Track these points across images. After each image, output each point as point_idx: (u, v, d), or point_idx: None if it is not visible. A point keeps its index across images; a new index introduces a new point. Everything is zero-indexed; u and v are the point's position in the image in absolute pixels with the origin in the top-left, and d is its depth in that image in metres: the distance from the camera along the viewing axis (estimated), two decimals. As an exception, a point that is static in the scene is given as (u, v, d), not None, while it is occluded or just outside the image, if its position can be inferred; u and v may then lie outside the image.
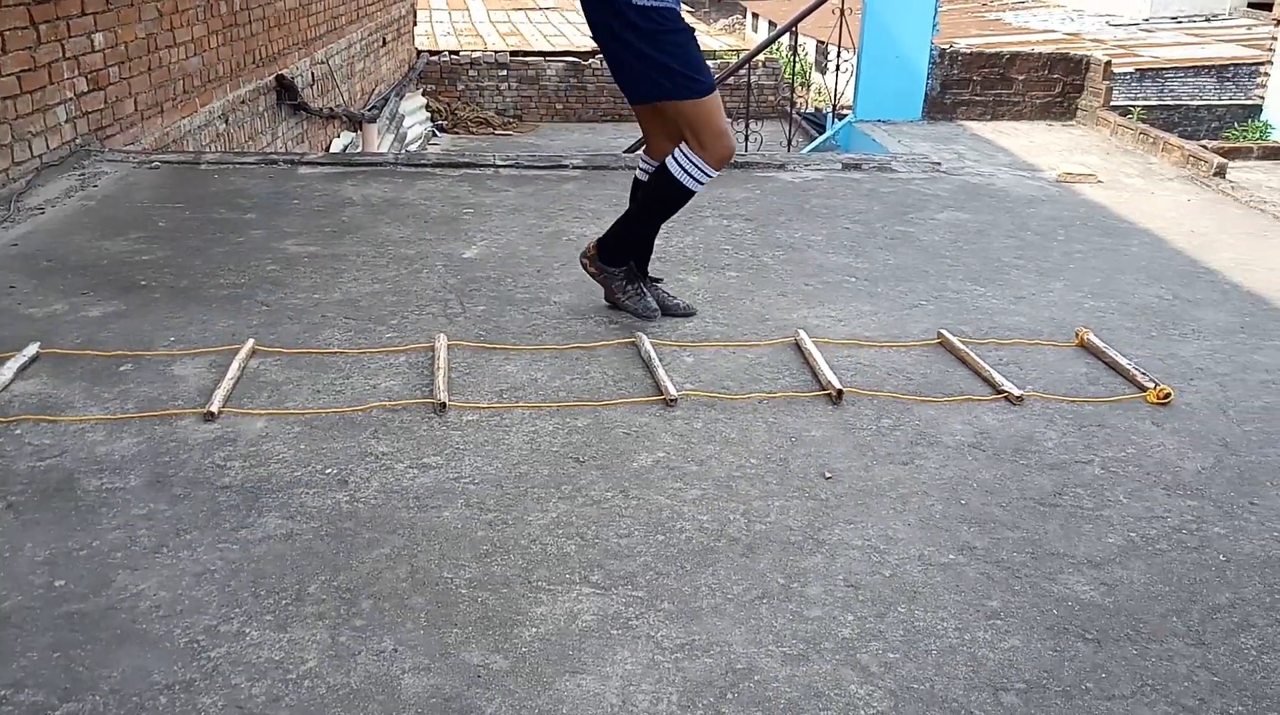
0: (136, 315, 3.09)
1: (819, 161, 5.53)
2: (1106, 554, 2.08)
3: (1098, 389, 2.81)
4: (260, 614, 1.82)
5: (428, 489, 2.22)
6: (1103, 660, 1.78)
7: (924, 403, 2.68)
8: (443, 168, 5.06)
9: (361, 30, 10.19)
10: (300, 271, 3.51)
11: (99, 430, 2.42)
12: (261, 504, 2.15)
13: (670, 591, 1.92)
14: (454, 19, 18.38)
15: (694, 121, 2.83)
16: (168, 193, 4.40)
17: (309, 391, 2.65)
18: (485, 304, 3.27)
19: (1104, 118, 7.57)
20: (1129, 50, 18.88)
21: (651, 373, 2.78)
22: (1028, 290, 3.57)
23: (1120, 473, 2.39)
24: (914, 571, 2.00)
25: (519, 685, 1.68)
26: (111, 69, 4.96)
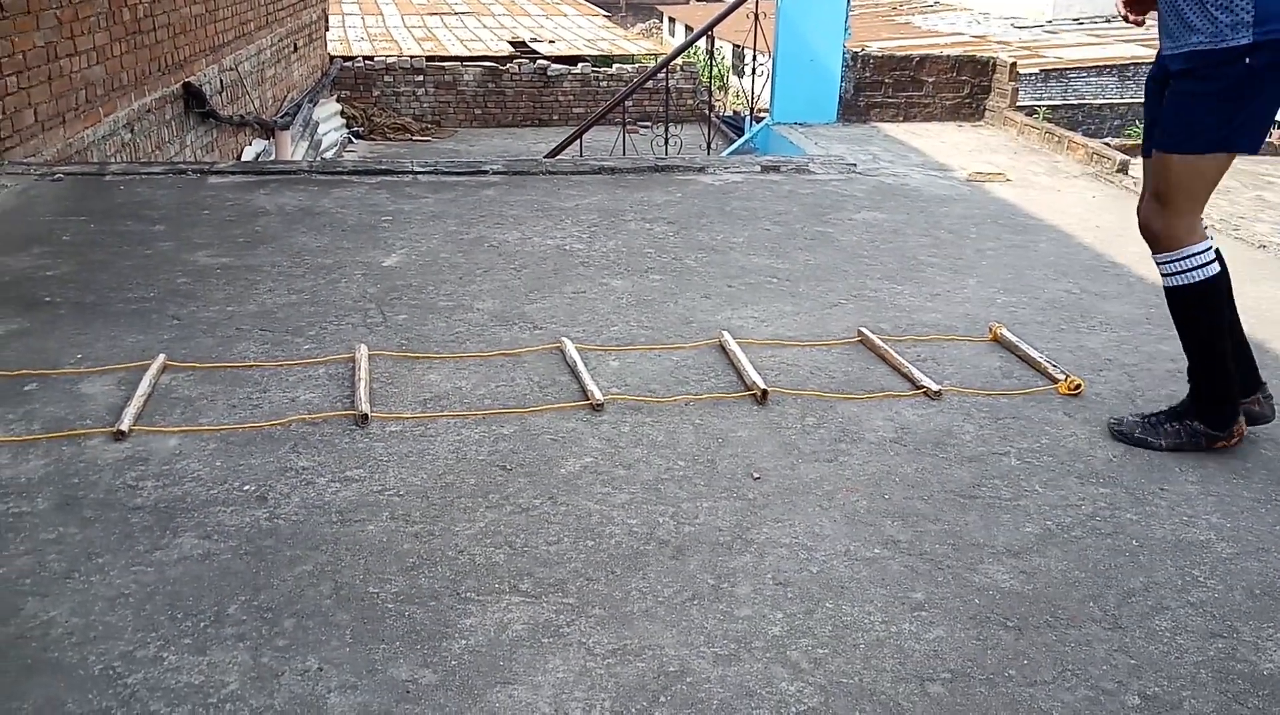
0: (41, 333, 2.98)
1: (739, 164, 5.59)
2: (1025, 543, 2.13)
3: (1011, 382, 2.88)
4: (178, 638, 1.77)
5: (351, 503, 2.18)
6: (1024, 647, 1.83)
7: (846, 400, 2.72)
8: (359, 175, 4.98)
9: (271, 36, 9.98)
10: (212, 283, 3.41)
11: (3, 452, 2.32)
12: (176, 524, 2.08)
13: (601, 597, 1.92)
14: (367, 24, 18.10)
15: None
16: (71, 205, 4.25)
17: (224, 407, 2.58)
18: (406, 312, 3.22)
19: (1011, 118, 7.78)
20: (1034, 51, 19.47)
21: (577, 378, 2.77)
22: (942, 287, 3.65)
23: (1035, 463, 2.45)
24: (840, 567, 2.03)
25: (449, 699, 1.66)
26: (9, 79, 4.77)
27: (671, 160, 5.80)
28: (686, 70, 16.32)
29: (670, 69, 11.71)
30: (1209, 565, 2.08)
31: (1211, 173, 2.32)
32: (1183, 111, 2.28)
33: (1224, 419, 2.46)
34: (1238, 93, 2.21)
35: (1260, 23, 2.14)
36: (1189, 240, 2.36)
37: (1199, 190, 2.34)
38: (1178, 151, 2.31)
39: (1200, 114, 2.25)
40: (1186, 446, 2.47)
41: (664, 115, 9.62)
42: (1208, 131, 2.26)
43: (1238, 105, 2.23)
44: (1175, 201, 2.35)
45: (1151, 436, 2.49)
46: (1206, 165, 2.30)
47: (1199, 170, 2.31)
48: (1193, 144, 2.28)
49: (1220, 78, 2.20)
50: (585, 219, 4.31)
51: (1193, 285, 2.38)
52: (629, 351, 2.99)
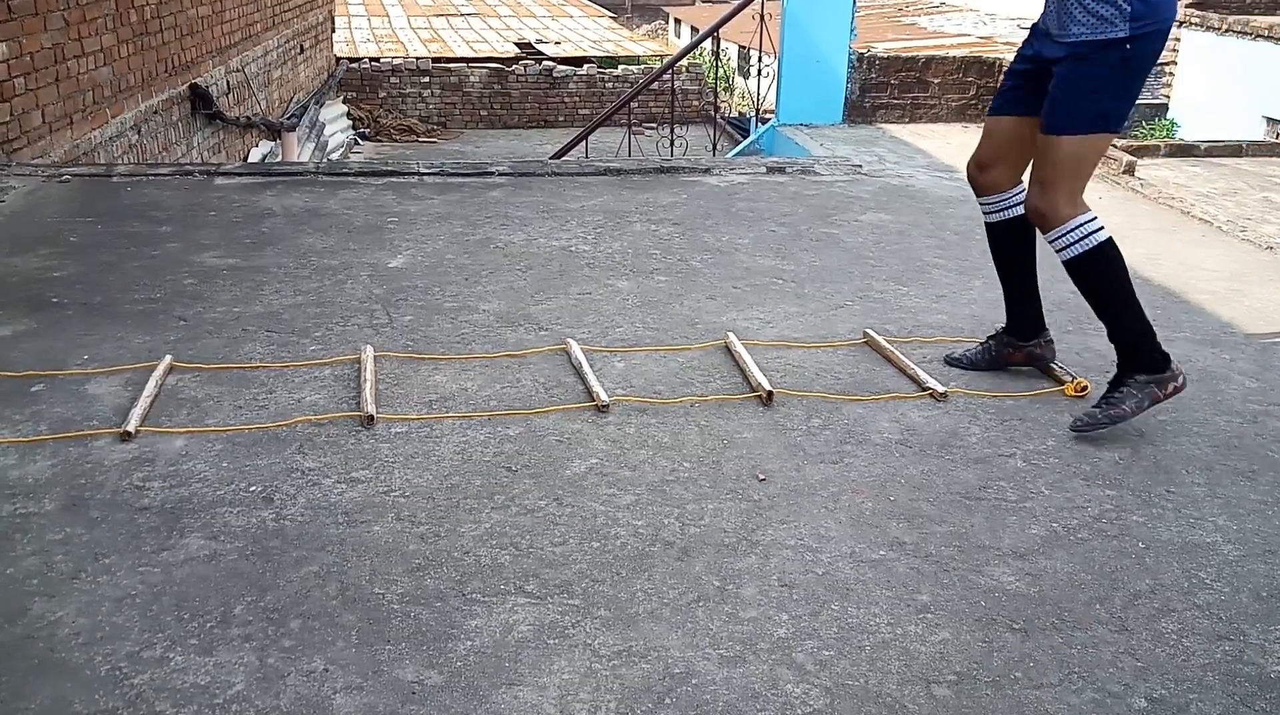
0: (48, 334, 2.99)
1: (744, 165, 5.58)
2: (1031, 545, 2.13)
3: (1018, 384, 2.87)
4: (184, 638, 1.77)
5: (356, 504, 2.19)
6: (1030, 649, 1.82)
7: (852, 402, 2.72)
8: (366, 176, 4.98)
9: (278, 37, 10.01)
10: (219, 284, 3.42)
11: (11, 453, 2.33)
12: (183, 525, 2.09)
13: (606, 598, 1.92)
14: (373, 25, 18.14)
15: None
16: (79, 207, 4.26)
17: (230, 408, 2.58)
18: (412, 314, 3.23)
19: (1018, 119, 7.76)
20: (1040, 53, 19.34)
21: (582, 379, 2.77)
22: (949, 289, 3.65)
23: (1041, 465, 2.45)
24: (846, 569, 2.03)
25: (455, 700, 1.66)
26: (17, 80, 4.78)
27: (677, 161, 5.80)
28: (692, 72, 16.33)
29: (676, 70, 11.71)
30: (1215, 567, 2.08)
31: (1094, 152, 2.54)
32: (1067, 97, 2.48)
33: (1158, 361, 2.57)
34: (1113, 79, 2.45)
35: (1135, 19, 2.39)
36: (1074, 213, 2.53)
37: (1084, 170, 2.55)
38: (1063, 133, 2.49)
39: (1083, 98, 2.46)
40: (1147, 402, 2.56)
41: (670, 117, 9.62)
42: (1090, 115, 2.47)
43: (1114, 90, 2.47)
44: (1063, 181, 2.52)
45: (1115, 411, 2.55)
46: (1090, 145, 2.51)
47: (1083, 150, 2.51)
48: (1077, 126, 2.48)
49: (1101, 64, 2.42)
50: (591, 220, 4.31)
51: (1090, 251, 2.53)
52: (634, 353, 2.99)
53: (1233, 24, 12.20)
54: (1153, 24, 2.41)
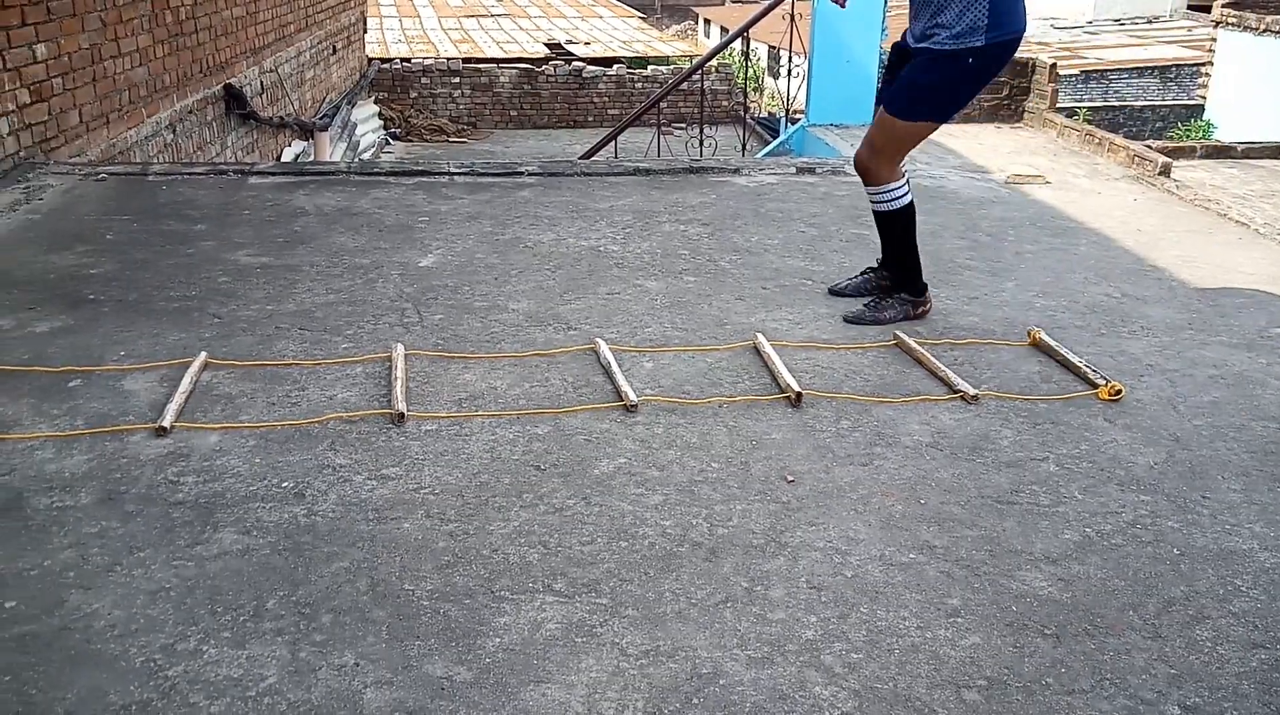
0: (85, 330, 3.03)
1: (774, 166, 5.57)
2: (1063, 550, 2.11)
3: (1051, 387, 2.85)
4: (218, 631, 1.79)
5: (387, 500, 2.20)
6: (1062, 655, 1.81)
7: (882, 404, 2.71)
8: (397, 176, 5.02)
9: (311, 38, 10.09)
10: (253, 282, 3.46)
11: (48, 447, 2.37)
12: (216, 519, 2.11)
13: (634, 598, 1.92)
14: (405, 26, 18.25)
15: None
16: (115, 205, 4.32)
17: (264, 404, 2.61)
18: (442, 313, 3.25)
19: (1051, 119, 7.70)
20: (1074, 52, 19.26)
21: (611, 379, 2.77)
22: (980, 290, 3.62)
23: (1075, 469, 2.43)
24: (875, 572, 2.02)
25: (483, 696, 1.67)
26: (55, 80, 4.86)
27: (706, 162, 5.79)
28: (722, 72, 16.31)
29: (705, 71, 11.70)
30: (1251, 575, 2.05)
31: (919, 135, 3.12)
32: (912, 89, 2.99)
33: (919, 289, 3.28)
34: (957, 82, 2.97)
35: (991, 29, 2.83)
36: (892, 178, 3.15)
37: (908, 146, 3.15)
38: (900, 117, 3.04)
39: (924, 93, 2.99)
40: (901, 317, 3.22)
41: (699, 117, 9.62)
42: (926, 107, 3.03)
43: (953, 92, 3.00)
44: (889, 151, 3.12)
45: (880, 314, 3.22)
46: (918, 129, 3.09)
47: (911, 132, 3.09)
48: (913, 114, 3.04)
49: (948, 70, 2.91)
50: (620, 220, 4.32)
51: (896, 210, 3.20)
52: (663, 353, 2.99)
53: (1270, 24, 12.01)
54: (1005, 35, 2.86)
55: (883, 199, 3.19)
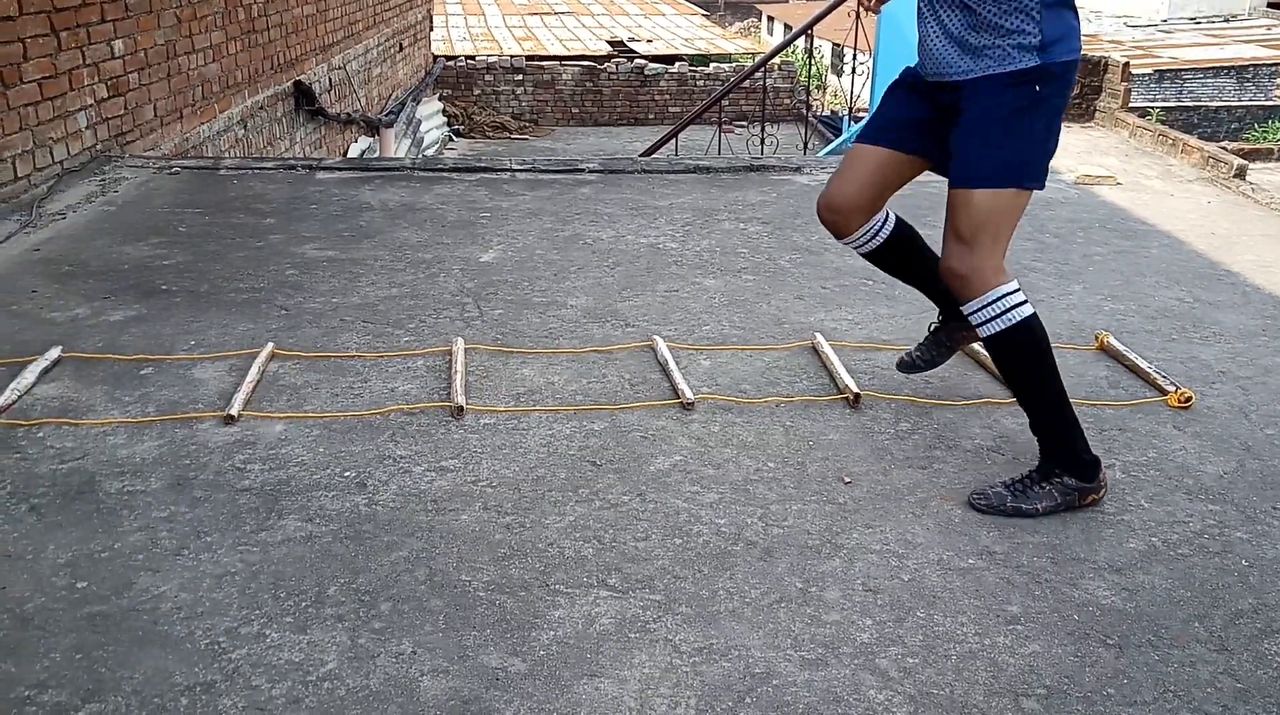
0: (157, 319, 3.11)
1: (835, 164, 5.52)
2: (1128, 559, 2.07)
3: (1118, 392, 2.79)
4: (280, 616, 1.83)
5: (445, 492, 2.23)
6: (1124, 666, 1.77)
7: (942, 406, 2.67)
8: (459, 172, 5.07)
9: (378, 36, 10.24)
10: (319, 275, 3.52)
11: (120, 433, 2.44)
12: (281, 507, 2.16)
13: (688, 595, 1.92)
14: (470, 24, 18.44)
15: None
16: (187, 198, 4.43)
17: (327, 395, 2.66)
18: (502, 308, 3.28)
19: (1122, 119, 7.52)
20: (1147, 51, 18.79)
21: (668, 376, 2.78)
22: (1046, 293, 3.55)
23: (1141, 477, 2.37)
24: (933, 576, 1.99)
25: (537, 688, 1.68)
26: (131, 75, 5.00)
27: (767, 160, 5.76)
28: (784, 69, 16.21)
29: (768, 68, 11.63)
30: (1327, 590, 1.98)
31: (1009, 206, 2.16)
32: (977, 145, 2.13)
33: (1086, 466, 2.21)
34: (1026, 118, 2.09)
35: (1045, 47, 2.04)
36: (998, 279, 2.18)
37: (1002, 226, 2.18)
38: (993, 185, 2.14)
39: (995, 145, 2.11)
40: (1061, 507, 2.20)
41: (760, 115, 9.57)
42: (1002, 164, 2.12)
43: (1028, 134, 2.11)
44: (985, 242, 2.16)
45: (1025, 503, 2.19)
46: (1004, 199, 2.15)
47: (998, 205, 2.14)
48: (1014, 177, 2.13)
49: (1010, 100, 2.07)
50: (679, 218, 4.32)
51: (1013, 327, 2.18)
52: (720, 351, 2.99)
53: (1358, 21, 11.59)
54: (1070, 53, 2.08)
55: (990, 314, 2.18)
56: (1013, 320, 2.17)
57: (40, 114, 4.24)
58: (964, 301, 2.22)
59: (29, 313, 3.13)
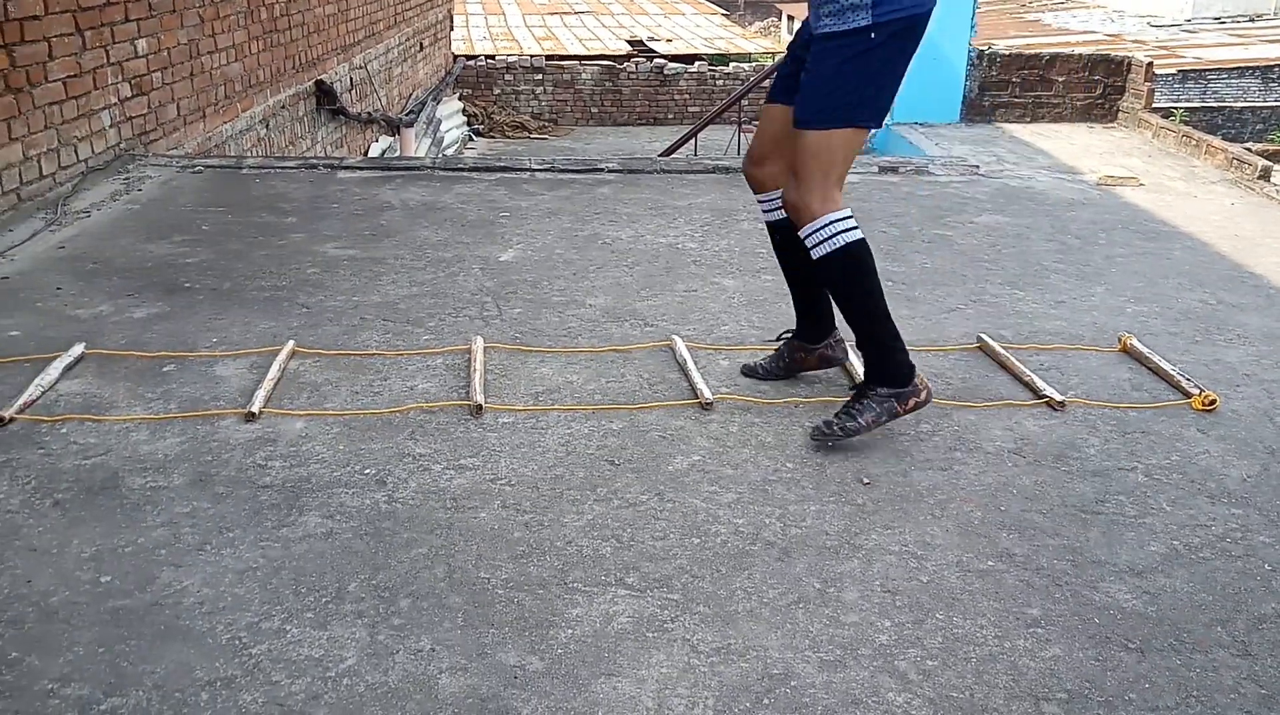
0: (180, 317, 3.14)
1: (855, 164, 5.50)
2: (1149, 562, 2.05)
3: (1141, 395, 2.77)
4: (301, 612, 1.84)
5: (464, 490, 2.24)
6: (1146, 670, 1.75)
7: (963, 408, 2.66)
8: (479, 172, 5.09)
9: (399, 35, 10.28)
10: (340, 274, 3.54)
11: (143, 430, 2.46)
12: (302, 503, 2.17)
13: (706, 595, 1.92)
14: (490, 23, 18.48)
15: None
16: (210, 196, 4.46)
17: (348, 393, 2.67)
18: (521, 307, 3.28)
19: (1146, 120, 7.47)
20: (1171, 51, 18.62)
21: (687, 376, 2.77)
22: (1069, 294, 3.53)
23: (1164, 480, 2.35)
24: (952, 578, 1.99)
25: (555, 687, 1.68)
26: (155, 74, 5.04)
27: (787, 160, 5.75)
28: (804, 69, 16.14)
29: (788, 68, 11.59)
30: (1352, 596, 1.96)
31: (843, 145, 2.38)
32: (817, 90, 2.36)
33: (904, 373, 2.45)
34: (856, 71, 2.31)
35: (878, 5, 2.26)
36: (825, 209, 2.38)
37: (839, 164, 2.41)
38: (815, 127, 2.36)
39: (832, 90, 2.33)
40: (885, 417, 2.44)
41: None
42: (838, 107, 2.34)
43: (862, 82, 2.32)
44: (815, 178, 2.38)
45: (850, 422, 2.41)
46: (845, 140, 2.37)
47: (836, 145, 2.37)
48: (830, 119, 2.35)
49: (843, 55, 2.31)
50: (698, 218, 4.31)
51: (839, 250, 2.39)
52: (739, 351, 2.98)
53: (1386, 21, 11.45)
54: (900, 10, 2.28)
55: (820, 238, 2.39)
56: (839, 243, 2.39)
57: (65, 113, 4.28)
58: (800, 227, 2.44)
59: (53, 309, 3.17)
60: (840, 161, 2.41)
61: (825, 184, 2.38)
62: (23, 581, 1.90)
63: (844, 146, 2.39)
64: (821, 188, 2.38)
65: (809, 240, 2.42)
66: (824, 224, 2.38)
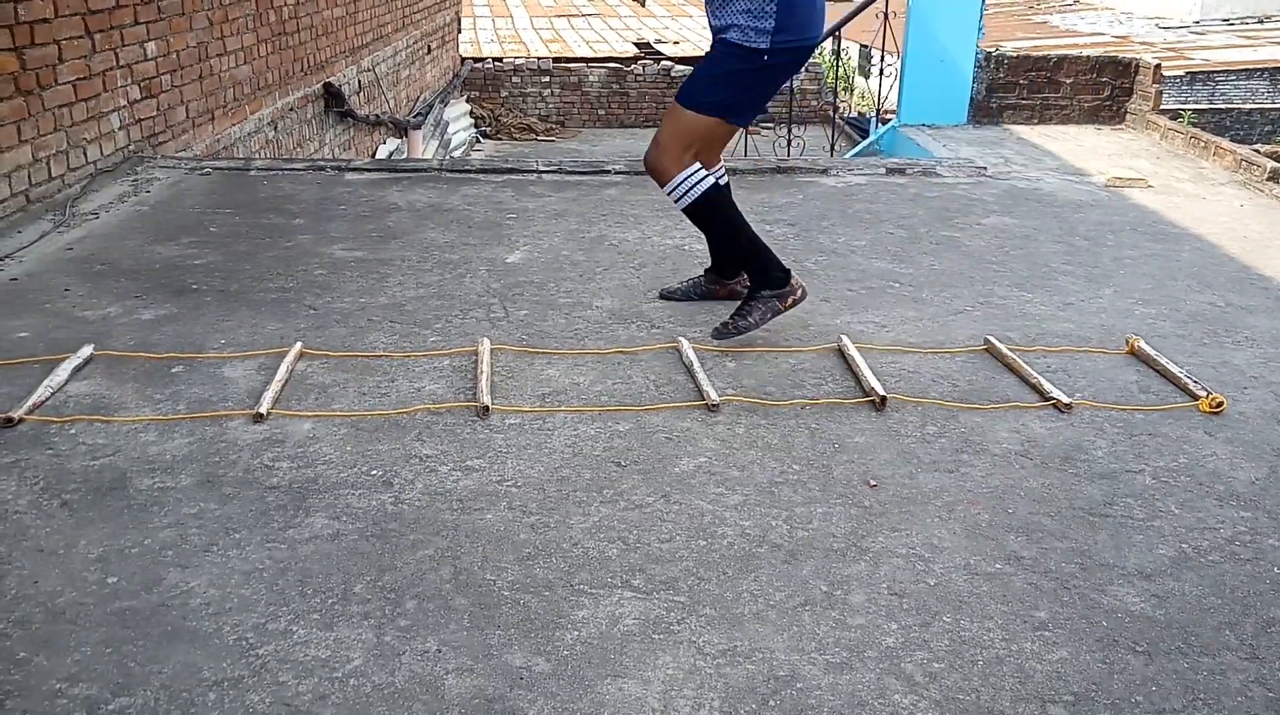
0: (188, 318, 3.15)
1: (862, 166, 5.50)
2: (1157, 565, 2.04)
3: (1149, 397, 2.76)
4: (307, 613, 1.84)
5: (471, 491, 2.24)
6: (1153, 673, 1.75)
7: (970, 410, 2.66)
8: (486, 173, 5.09)
9: (407, 38, 10.31)
10: (347, 276, 3.55)
11: (151, 430, 2.46)
12: (309, 504, 2.17)
13: (712, 597, 1.92)
14: (497, 25, 18.51)
15: None
16: (218, 198, 4.48)
17: (355, 394, 2.68)
18: (528, 308, 3.29)
19: (1154, 121, 7.45)
20: (1179, 53, 18.58)
21: (693, 378, 2.77)
22: (1076, 296, 3.52)
23: (1172, 483, 2.34)
24: (959, 581, 1.98)
25: (561, 688, 1.68)
26: (164, 77, 5.06)
27: (793, 161, 5.75)
28: (811, 70, 16.14)
29: (795, 70, 11.59)
30: (1362, 599, 1.95)
31: (704, 131, 2.90)
32: (702, 79, 2.90)
33: (780, 277, 2.97)
34: (745, 80, 2.84)
35: (778, 32, 2.73)
36: (680, 169, 2.89)
37: (693, 141, 2.90)
38: (686, 106, 2.88)
39: (710, 84, 2.86)
40: (770, 314, 2.98)
41: (787, 116, 9.54)
42: (713, 100, 2.86)
43: (742, 88, 2.86)
44: (671, 145, 2.89)
45: (742, 321, 2.95)
46: (703, 123, 2.89)
47: (695, 125, 2.88)
48: (699, 104, 2.87)
49: (740, 65, 2.80)
50: (706, 220, 4.30)
51: (699, 198, 2.90)
52: (746, 353, 2.98)
53: (1396, 22, 11.39)
54: (793, 41, 2.78)
55: (681, 191, 2.90)
56: (695, 194, 2.90)
57: (74, 115, 4.30)
58: (662, 186, 2.96)
59: (62, 311, 3.18)
60: (700, 139, 2.91)
61: (680, 152, 2.89)
62: (30, 582, 1.91)
63: (708, 131, 2.91)
64: (677, 155, 2.89)
65: (672, 195, 2.93)
66: (681, 180, 2.89)
